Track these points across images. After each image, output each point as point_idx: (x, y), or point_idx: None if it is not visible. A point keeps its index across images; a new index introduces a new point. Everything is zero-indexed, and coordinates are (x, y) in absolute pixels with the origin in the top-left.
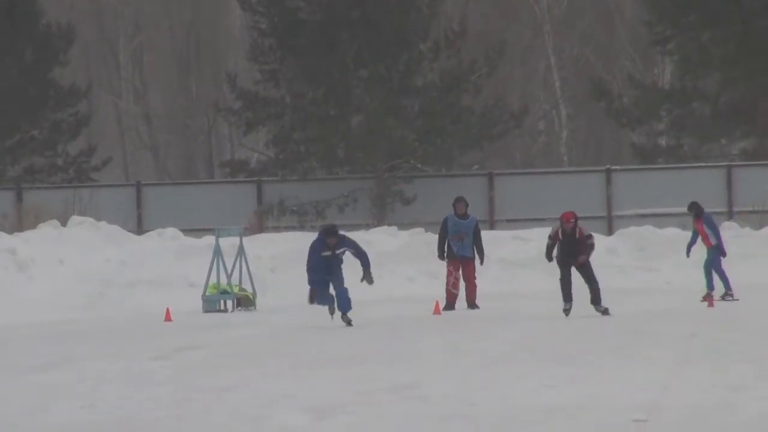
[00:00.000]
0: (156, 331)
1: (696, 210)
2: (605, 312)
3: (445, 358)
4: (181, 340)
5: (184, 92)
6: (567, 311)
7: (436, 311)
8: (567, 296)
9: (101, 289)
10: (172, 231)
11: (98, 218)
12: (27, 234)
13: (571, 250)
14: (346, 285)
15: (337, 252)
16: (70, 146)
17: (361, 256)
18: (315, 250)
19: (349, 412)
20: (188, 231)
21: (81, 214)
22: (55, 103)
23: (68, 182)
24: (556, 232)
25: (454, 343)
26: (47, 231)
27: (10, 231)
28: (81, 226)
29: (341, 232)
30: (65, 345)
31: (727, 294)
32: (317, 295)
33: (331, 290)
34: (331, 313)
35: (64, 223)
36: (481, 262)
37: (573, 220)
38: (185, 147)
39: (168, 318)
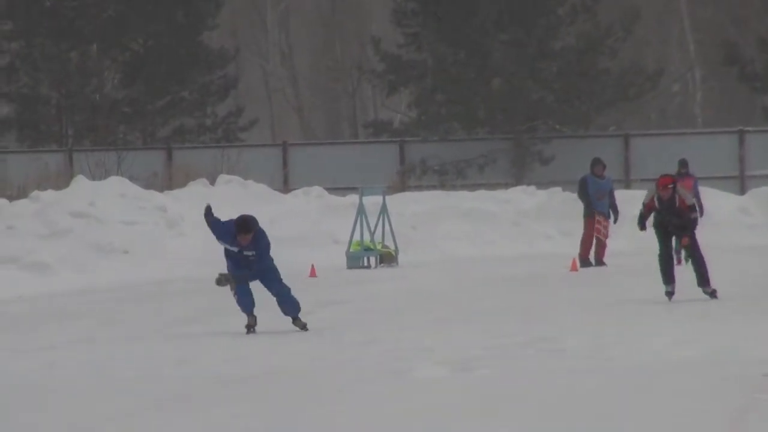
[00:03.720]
0: (301, 286)
1: None
2: (713, 294)
3: (580, 313)
4: (325, 295)
5: (329, 54)
6: (669, 294)
7: (573, 268)
8: (668, 277)
9: None
10: (317, 189)
11: (245, 177)
12: (177, 192)
13: (671, 222)
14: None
15: (246, 254)
16: (219, 107)
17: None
18: (220, 235)
19: (488, 365)
20: (333, 189)
21: (229, 173)
22: (204, 65)
23: (216, 142)
24: (651, 200)
25: (590, 299)
26: (196, 189)
27: (161, 189)
28: (229, 185)
29: (260, 229)
30: (212, 300)
31: None
32: (237, 293)
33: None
34: (251, 327)
35: (212, 182)
36: (615, 221)
37: (671, 186)
38: (330, 108)
39: (313, 274)
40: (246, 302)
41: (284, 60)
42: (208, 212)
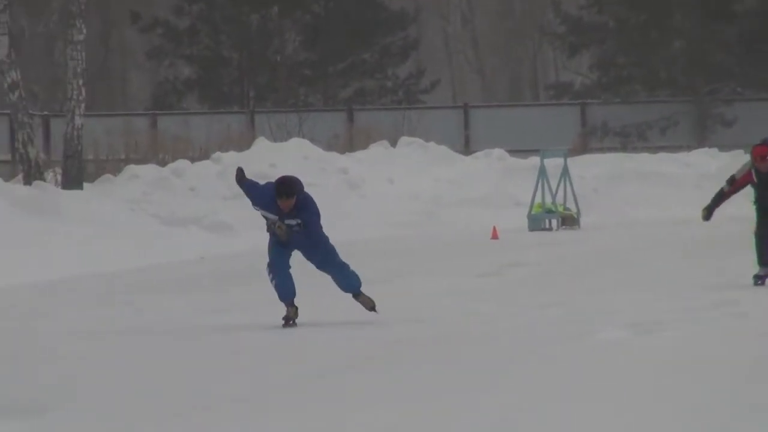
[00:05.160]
0: (483, 248)
1: None
2: None
3: None
4: (506, 257)
5: (510, 17)
6: (760, 279)
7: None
8: (765, 259)
9: (429, 207)
10: (498, 152)
11: (426, 139)
12: (358, 154)
13: None
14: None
15: (289, 222)
16: (400, 69)
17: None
18: (256, 199)
19: (670, 327)
20: (514, 152)
21: (410, 135)
22: (384, 27)
23: (397, 104)
24: (746, 175)
25: None
26: (377, 151)
27: (342, 151)
28: (410, 147)
29: (307, 194)
30: (393, 261)
31: None
32: (275, 276)
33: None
34: (289, 319)
35: (393, 144)
36: None
37: None
38: (511, 70)
39: (494, 236)
40: (285, 288)
41: (465, 22)
42: (241, 176)
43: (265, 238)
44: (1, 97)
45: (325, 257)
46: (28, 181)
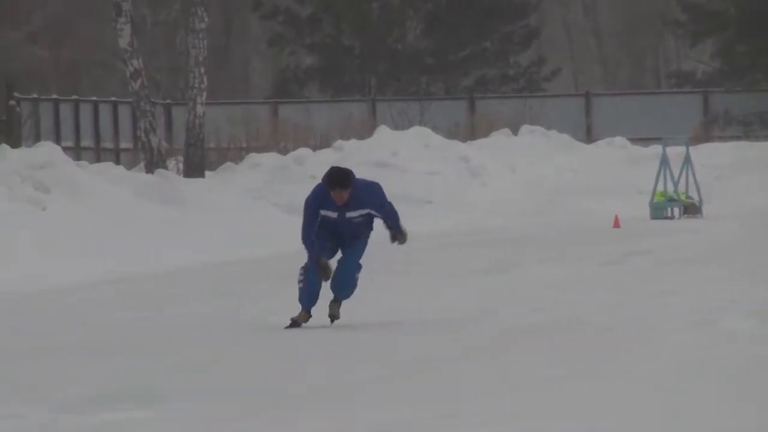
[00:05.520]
0: (604, 236)
1: None
2: None
3: None
4: (628, 245)
5: (631, 5)
6: None
7: None
8: None
9: (551, 195)
10: (620, 140)
11: (548, 127)
12: (479, 142)
13: None
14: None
15: (350, 216)
16: (521, 57)
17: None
18: (311, 204)
19: None
20: (635, 140)
21: (531, 123)
22: (506, 15)
23: (518, 92)
24: None
25: None
26: (499, 139)
27: (463, 139)
28: (532, 135)
29: (362, 180)
30: (513, 249)
31: None
32: (305, 282)
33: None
34: (297, 322)
35: (515, 132)
36: None
37: None
38: (633, 58)
39: (616, 224)
40: (309, 294)
41: (586, 11)
42: (318, 259)
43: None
44: (123, 85)
45: (354, 251)
46: (150, 170)
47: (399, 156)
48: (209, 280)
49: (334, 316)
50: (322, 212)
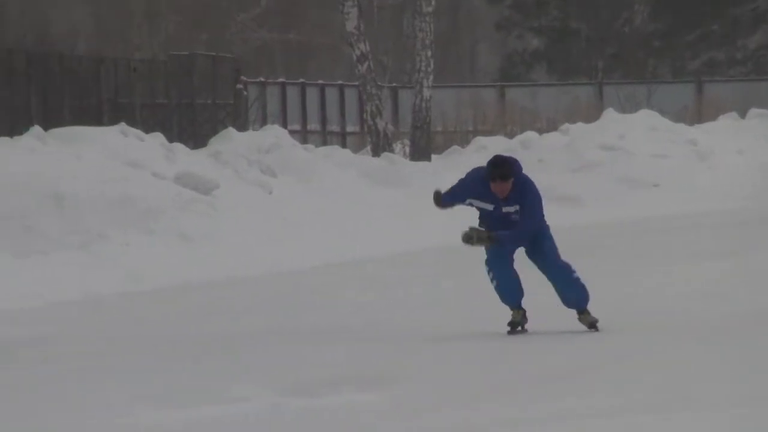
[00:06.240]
0: None
1: None
2: None
3: None
4: None
5: None
6: None
7: None
8: None
9: None
10: None
11: None
12: (706, 125)
13: None
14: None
15: (507, 211)
16: (749, 40)
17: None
18: (465, 191)
19: None
20: None
21: (760, 107)
22: None
23: (746, 75)
24: None
25: None
26: (726, 123)
27: (691, 122)
28: (760, 118)
29: (526, 175)
30: (742, 233)
31: None
32: (495, 277)
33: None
34: (516, 324)
35: (742, 115)
36: None
37: None
38: None
39: None
40: (509, 289)
41: None
42: (437, 199)
43: (611, 211)
44: (350, 69)
45: (546, 254)
46: (376, 153)
47: (626, 139)
48: (434, 263)
49: (592, 324)
50: (474, 203)
